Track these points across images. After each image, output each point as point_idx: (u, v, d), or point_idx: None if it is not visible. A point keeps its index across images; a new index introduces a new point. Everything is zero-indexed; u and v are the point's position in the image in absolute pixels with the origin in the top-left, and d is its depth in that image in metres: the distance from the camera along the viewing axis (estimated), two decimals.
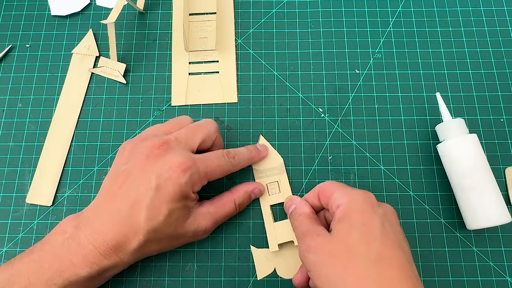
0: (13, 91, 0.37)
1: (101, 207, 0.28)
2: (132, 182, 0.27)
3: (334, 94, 0.37)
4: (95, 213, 0.28)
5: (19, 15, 0.40)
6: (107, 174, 0.29)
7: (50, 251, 0.26)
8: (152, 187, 0.26)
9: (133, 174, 0.27)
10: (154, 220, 0.26)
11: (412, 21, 0.39)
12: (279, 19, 0.39)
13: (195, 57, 0.38)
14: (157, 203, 0.26)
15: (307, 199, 0.30)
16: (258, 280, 0.32)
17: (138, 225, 0.26)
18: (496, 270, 0.32)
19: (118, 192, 0.27)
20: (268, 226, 0.33)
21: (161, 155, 0.27)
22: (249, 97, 0.37)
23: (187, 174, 0.27)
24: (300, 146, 0.35)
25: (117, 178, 0.28)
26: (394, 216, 0.27)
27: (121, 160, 0.29)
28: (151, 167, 0.27)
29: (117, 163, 0.29)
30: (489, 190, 0.30)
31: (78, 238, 0.26)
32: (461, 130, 0.32)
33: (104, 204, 0.28)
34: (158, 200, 0.26)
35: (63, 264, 0.25)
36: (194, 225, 0.29)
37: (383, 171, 0.34)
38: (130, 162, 0.28)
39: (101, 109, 0.36)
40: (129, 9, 0.40)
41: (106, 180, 0.29)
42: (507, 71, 0.37)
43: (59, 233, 0.27)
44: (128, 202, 0.27)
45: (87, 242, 0.26)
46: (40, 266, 0.25)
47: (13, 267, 0.26)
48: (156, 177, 0.27)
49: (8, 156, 0.35)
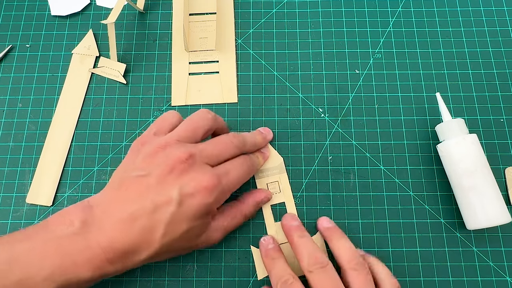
0: (13, 91, 0.37)
1: (112, 208, 0.26)
2: (150, 191, 0.26)
3: (334, 94, 0.37)
4: (105, 212, 0.26)
5: (19, 15, 0.40)
6: (117, 169, 0.28)
7: (54, 244, 0.24)
8: (174, 201, 0.25)
9: (152, 183, 0.26)
10: (170, 236, 0.25)
11: (412, 21, 0.39)
12: (279, 19, 0.39)
13: (195, 57, 0.38)
14: (178, 219, 0.25)
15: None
16: (258, 280, 0.32)
17: (153, 239, 0.25)
18: (496, 270, 0.32)
19: (133, 197, 0.26)
20: (269, 226, 0.33)
21: (186, 171, 0.26)
22: (249, 97, 0.37)
23: (214, 194, 0.26)
24: (300, 146, 0.35)
25: (132, 181, 0.26)
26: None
27: (137, 162, 0.27)
28: (173, 180, 0.26)
29: (131, 162, 0.28)
30: (489, 190, 0.30)
31: (85, 237, 0.25)
32: (461, 130, 0.32)
33: (115, 205, 0.26)
34: (180, 217, 0.25)
35: (65, 263, 0.24)
36: (207, 238, 0.28)
37: (383, 171, 0.34)
38: (150, 169, 0.26)
39: (101, 109, 0.36)
40: (129, 9, 0.40)
41: (116, 177, 0.28)
42: (507, 71, 0.37)
43: (66, 223, 0.25)
44: (145, 212, 0.25)
45: (96, 244, 0.25)
46: (41, 260, 0.24)
47: (13, 249, 0.24)
48: (179, 192, 0.25)
49: (8, 156, 0.35)
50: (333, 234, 0.31)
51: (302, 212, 0.33)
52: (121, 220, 0.25)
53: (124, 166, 0.28)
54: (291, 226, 0.31)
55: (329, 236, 0.31)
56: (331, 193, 0.34)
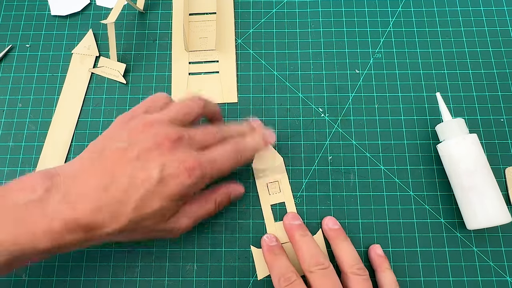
0: (13, 91, 0.37)
1: (82, 176, 0.25)
2: (130, 165, 0.25)
3: (334, 94, 0.37)
4: (74, 181, 0.25)
5: (19, 15, 0.40)
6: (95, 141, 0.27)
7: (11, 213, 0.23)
8: (153, 178, 0.25)
9: (132, 157, 0.25)
10: (141, 211, 0.25)
11: (412, 21, 0.39)
12: (279, 19, 0.39)
13: (195, 57, 0.38)
14: (151, 196, 0.25)
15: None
16: (259, 280, 0.32)
17: (122, 212, 0.24)
18: (496, 270, 0.32)
19: (108, 167, 0.25)
20: (269, 226, 0.33)
21: (172, 151, 0.26)
22: (249, 97, 0.37)
23: (193, 178, 0.26)
24: (300, 146, 0.35)
25: (109, 152, 0.25)
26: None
27: (118, 136, 0.26)
28: (157, 157, 0.25)
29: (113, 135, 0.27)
30: (489, 190, 0.30)
31: (46, 205, 0.23)
32: (461, 130, 0.32)
33: (85, 173, 0.25)
34: (155, 194, 0.25)
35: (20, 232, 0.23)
36: (174, 223, 0.28)
37: (383, 171, 0.34)
38: (134, 142, 0.26)
39: (101, 109, 0.36)
40: (129, 9, 0.40)
41: (91, 148, 0.27)
42: (507, 71, 0.37)
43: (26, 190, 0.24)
44: (120, 184, 0.24)
45: (57, 213, 0.23)
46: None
47: None
48: (160, 169, 0.25)
49: (8, 156, 0.35)
50: (337, 236, 0.31)
51: (302, 212, 0.33)
52: (91, 189, 0.24)
53: (104, 137, 0.27)
54: (293, 225, 0.31)
55: (333, 238, 0.31)
56: (331, 193, 0.34)
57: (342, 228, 0.32)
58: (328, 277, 0.28)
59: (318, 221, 0.33)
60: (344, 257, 0.29)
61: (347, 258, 0.29)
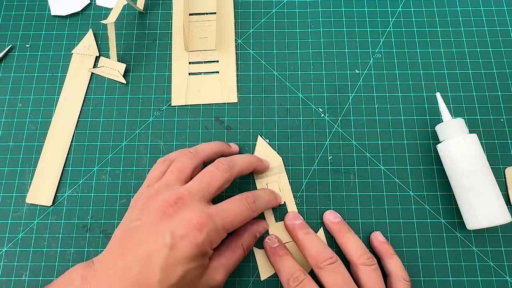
0: (13, 91, 0.37)
1: (110, 261, 0.26)
2: (143, 239, 0.25)
3: (334, 94, 0.37)
4: (104, 266, 0.26)
5: (19, 15, 0.40)
6: (118, 226, 0.28)
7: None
8: (166, 245, 0.25)
9: (145, 231, 0.26)
10: (167, 281, 0.24)
11: (412, 21, 0.39)
12: (279, 19, 0.39)
13: (195, 57, 0.38)
14: (172, 264, 0.25)
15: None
16: (262, 281, 0.32)
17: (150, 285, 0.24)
18: (496, 270, 0.32)
19: (128, 248, 0.25)
20: (270, 226, 0.33)
21: (176, 213, 0.26)
22: (249, 97, 0.37)
23: (204, 233, 0.25)
24: (300, 146, 0.35)
25: (128, 233, 0.26)
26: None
27: (133, 215, 0.27)
28: (164, 225, 0.25)
29: (128, 216, 0.28)
30: (489, 190, 0.30)
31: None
32: (461, 130, 0.32)
33: (113, 258, 0.26)
34: (173, 260, 0.25)
35: None
36: (208, 281, 0.27)
37: (383, 171, 0.34)
38: (143, 218, 0.26)
39: (101, 109, 0.36)
40: (129, 9, 0.40)
41: (117, 233, 0.28)
42: (507, 71, 0.37)
43: (66, 282, 0.26)
44: (139, 260, 0.25)
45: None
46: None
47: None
48: (170, 235, 0.25)
49: (8, 156, 0.35)
50: (341, 229, 0.31)
51: (302, 212, 0.33)
52: (117, 271, 0.25)
53: (123, 221, 0.28)
54: (295, 225, 0.31)
55: (336, 231, 0.31)
56: (331, 193, 0.34)
57: (344, 221, 0.32)
58: (338, 271, 0.28)
59: (318, 221, 0.33)
60: (351, 249, 0.29)
61: (354, 249, 0.29)
